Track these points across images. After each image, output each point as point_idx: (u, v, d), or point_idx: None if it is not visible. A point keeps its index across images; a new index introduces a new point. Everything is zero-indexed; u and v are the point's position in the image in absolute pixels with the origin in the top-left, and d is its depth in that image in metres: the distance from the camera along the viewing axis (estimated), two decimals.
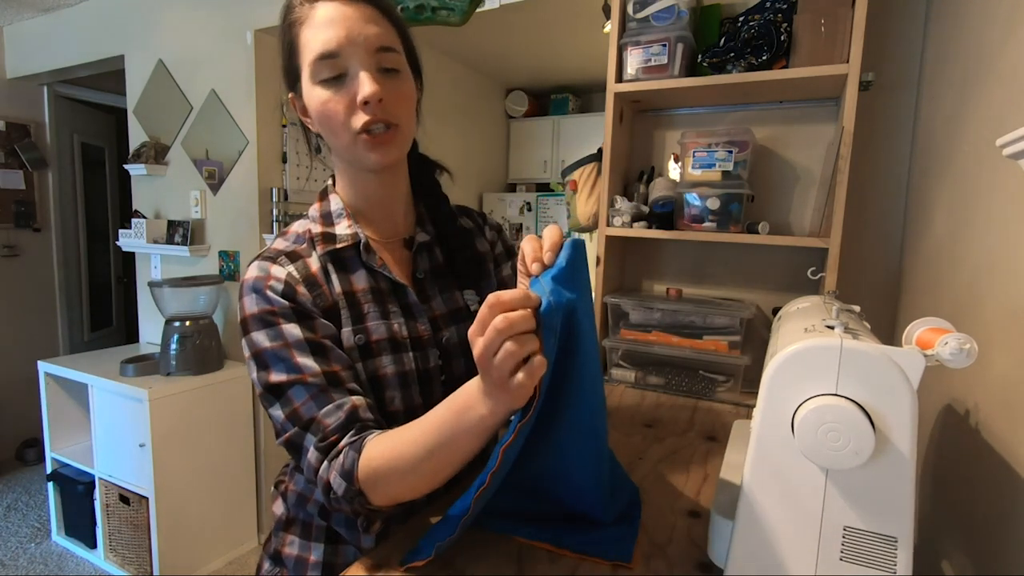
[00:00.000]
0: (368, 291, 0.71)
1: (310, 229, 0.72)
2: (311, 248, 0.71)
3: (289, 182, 2.40)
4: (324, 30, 0.63)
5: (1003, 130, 0.60)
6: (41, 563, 2.34)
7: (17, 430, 3.17)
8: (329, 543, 0.73)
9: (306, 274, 0.68)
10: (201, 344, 2.23)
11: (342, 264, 0.71)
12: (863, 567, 0.49)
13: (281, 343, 0.63)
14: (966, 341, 0.48)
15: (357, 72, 0.64)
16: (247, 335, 0.65)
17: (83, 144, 3.47)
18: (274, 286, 0.65)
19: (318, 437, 0.61)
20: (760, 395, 0.51)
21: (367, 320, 0.69)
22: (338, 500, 0.60)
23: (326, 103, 0.65)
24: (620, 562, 0.61)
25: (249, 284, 0.66)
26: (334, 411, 0.61)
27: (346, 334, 0.68)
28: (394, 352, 0.70)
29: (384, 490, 0.58)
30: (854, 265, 1.36)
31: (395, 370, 0.70)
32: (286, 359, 0.63)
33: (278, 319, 0.64)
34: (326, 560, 0.73)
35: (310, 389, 0.62)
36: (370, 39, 0.64)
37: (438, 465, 0.57)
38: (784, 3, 1.25)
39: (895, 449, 0.47)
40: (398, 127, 0.67)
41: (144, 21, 2.56)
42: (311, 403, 0.62)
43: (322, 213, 0.74)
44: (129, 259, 3.04)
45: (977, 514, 0.71)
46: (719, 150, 1.33)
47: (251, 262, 0.69)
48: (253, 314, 0.65)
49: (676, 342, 1.39)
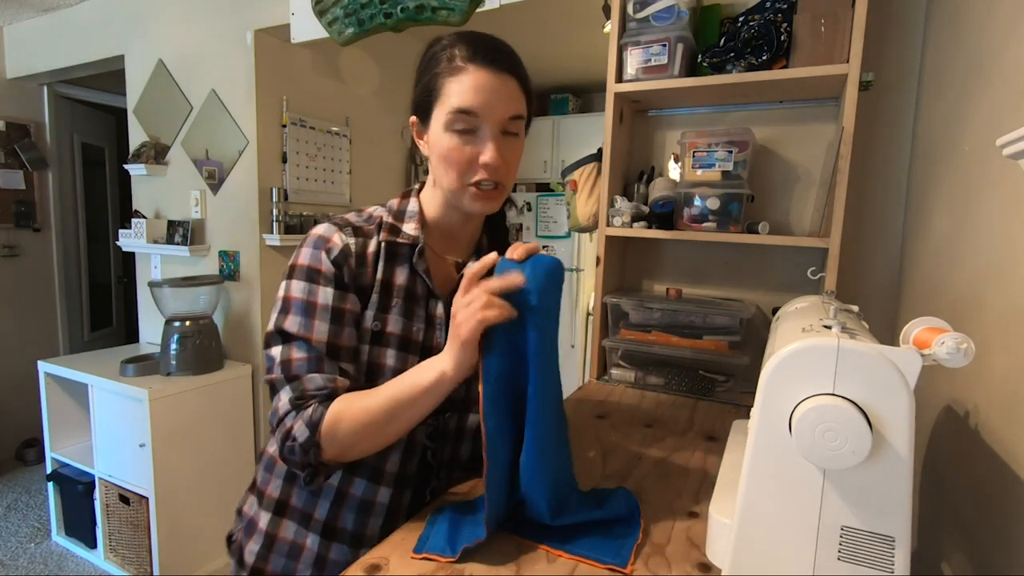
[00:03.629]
0: (403, 288, 0.77)
1: (382, 216, 0.79)
2: (376, 232, 0.77)
3: (289, 182, 2.40)
4: (470, 92, 0.70)
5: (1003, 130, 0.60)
6: (41, 563, 2.34)
7: (17, 430, 3.17)
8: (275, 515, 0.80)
9: (361, 251, 0.75)
10: (201, 344, 2.23)
11: (394, 256, 0.77)
12: (861, 567, 0.48)
13: (311, 300, 0.71)
14: (963, 340, 0.48)
15: (486, 136, 0.72)
16: (288, 279, 0.73)
17: (83, 144, 3.47)
18: (331, 249, 0.73)
19: (296, 393, 0.68)
20: (758, 395, 0.51)
21: (390, 312, 0.76)
22: (292, 450, 0.66)
23: (451, 150, 0.72)
24: (616, 567, 0.61)
25: (312, 239, 0.74)
26: (319, 380, 0.69)
27: (367, 316, 0.75)
28: (401, 349, 0.76)
29: (340, 441, 0.66)
30: (854, 265, 1.36)
31: (395, 366, 0.75)
32: (306, 315, 0.70)
33: (319, 280, 0.72)
34: (268, 531, 0.79)
35: (311, 350, 0.70)
36: (505, 111, 0.72)
37: (393, 419, 0.66)
38: (784, 3, 1.25)
39: (892, 449, 0.47)
40: (503, 186, 0.76)
41: (144, 21, 2.56)
42: (304, 363, 0.69)
43: (398, 208, 0.81)
44: (129, 259, 3.04)
45: (976, 514, 0.71)
46: (719, 150, 1.33)
47: (321, 221, 0.77)
48: (302, 265, 0.73)
49: (676, 342, 1.39)
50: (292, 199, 2.41)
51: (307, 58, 2.45)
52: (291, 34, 2.07)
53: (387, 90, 2.92)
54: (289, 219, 2.36)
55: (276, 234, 2.30)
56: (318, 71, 2.53)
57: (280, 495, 0.79)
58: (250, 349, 2.40)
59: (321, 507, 0.76)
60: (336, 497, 0.76)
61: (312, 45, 2.18)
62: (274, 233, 2.31)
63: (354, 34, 1.82)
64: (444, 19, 1.67)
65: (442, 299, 0.79)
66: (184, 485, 2.14)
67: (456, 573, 0.60)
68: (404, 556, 0.63)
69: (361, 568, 0.61)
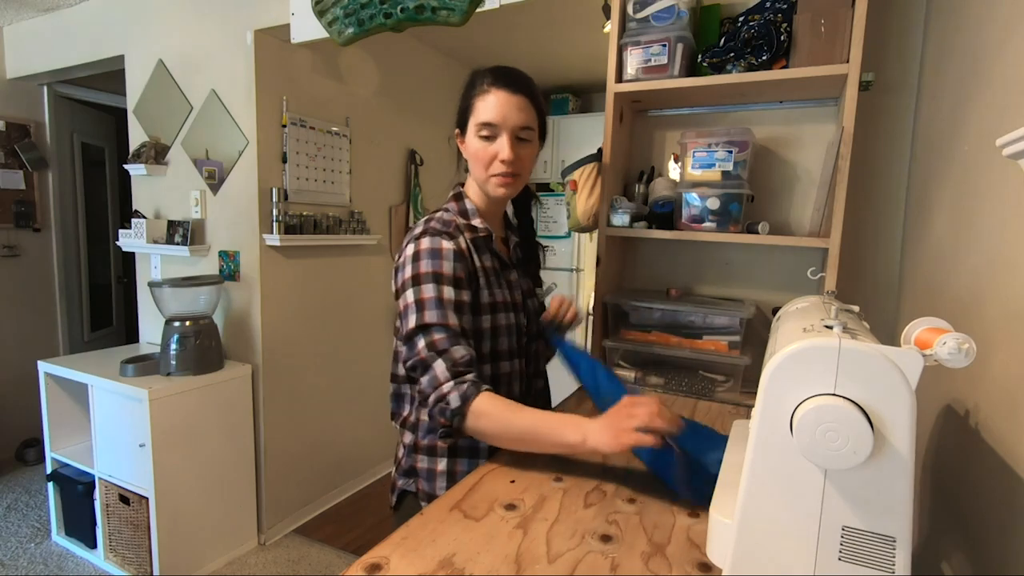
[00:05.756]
0: (492, 268, 1.01)
1: (455, 220, 0.99)
2: (459, 232, 0.98)
3: (289, 182, 2.39)
4: (491, 108, 0.95)
5: (1003, 130, 0.60)
6: (41, 563, 2.34)
7: (17, 430, 3.16)
8: (450, 457, 0.98)
9: (459, 248, 0.95)
10: (201, 344, 2.23)
11: (478, 247, 1.00)
12: (862, 567, 0.48)
13: (441, 296, 0.89)
14: (964, 341, 0.48)
15: (503, 140, 0.96)
16: (417, 286, 0.90)
17: (83, 144, 3.47)
18: (447, 254, 0.92)
19: (449, 363, 0.86)
20: (759, 395, 0.51)
21: (493, 288, 0.99)
22: (442, 411, 0.85)
23: (479, 151, 0.97)
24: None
25: (427, 251, 0.92)
26: (463, 350, 0.87)
27: (484, 295, 0.97)
28: (505, 311, 1.00)
29: (479, 425, 0.84)
30: (854, 265, 1.36)
31: (505, 323, 1.00)
32: (440, 308, 0.88)
33: (443, 281, 0.90)
34: (449, 469, 0.98)
35: (448, 332, 0.88)
36: (517, 122, 0.96)
37: (520, 440, 0.84)
38: (784, 3, 1.25)
39: (893, 449, 0.47)
40: (520, 175, 1.00)
41: (144, 21, 2.56)
42: (447, 340, 0.87)
43: (460, 211, 1.03)
44: (129, 259, 3.03)
45: (977, 514, 0.71)
46: (719, 150, 1.33)
47: (419, 236, 0.94)
48: (427, 272, 0.90)
49: (676, 342, 1.39)
50: (292, 199, 2.41)
51: (307, 58, 2.45)
52: (291, 34, 2.07)
53: (387, 90, 2.91)
54: (289, 219, 2.36)
55: (276, 234, 2.30)
56: (318, 71, 2.53)
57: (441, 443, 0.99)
58: (250, 349, 2.40)
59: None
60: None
61: (312, 45, 2.18)
62: (274, 233, 2.31)
63: (354, 34, 1.82)
64: (444, 19, 1.67)
65: (511, 265, 1.06)
66: (184, 485, 2.14)
67: (456, 573, 0.60)
68: (404, 556, 0.63)
69: (361, 568, 0.61)
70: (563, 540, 0.67)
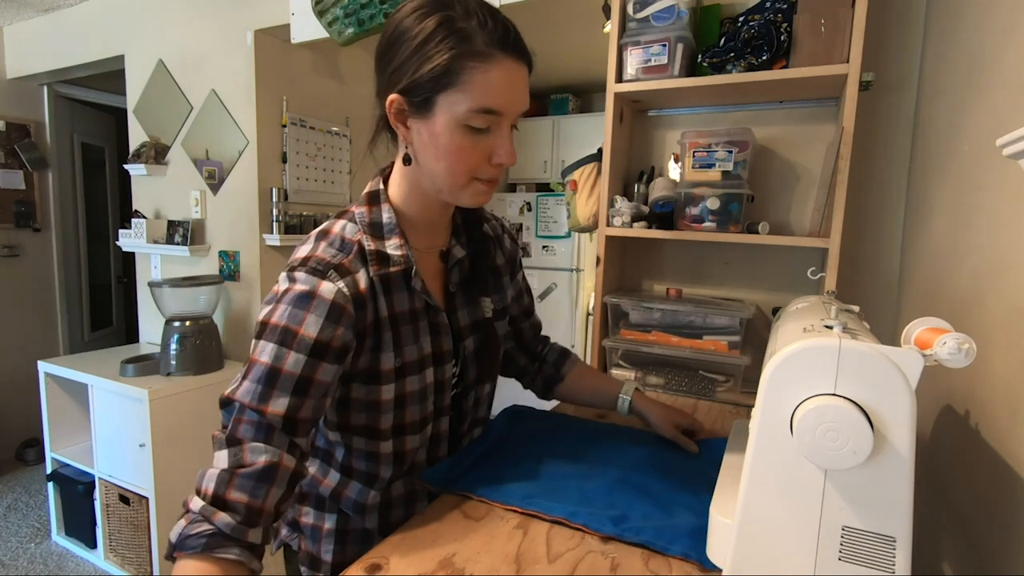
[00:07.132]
0: (407, 313, 0.73)
1: (360, 242, 0.70)
2: (359, 262, 0.69)
3: (289, 182, 2.40)
4: (500, 90, 0.63)
5: (1003, 130, 0.60)
6: (41, 563, 2.34)
7: (17, 430, 3.16)
8: (341, 514, 0.79)
9: (355, 292, 0.66)
10: (201, 344, 2.23)
11: (389, 285, 0.71)
12: (862, 567, 0.48)
13: (278, 369, 0.62)
14: (965, 341, 0.48)
15: (502, 134, 0.66)
16: (259, 339, 0.64)
17: (83, 144, 3.47)
18: (318, 307, 0.63)
19: (235, 460, 0.60)
20: (759, 395, 0.51)
21: (404, 344, 0.72)
22: (184, 518, 0.61)
23: (463, 148, 0.65)
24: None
25: (294, 296, 0.64)
26: (262, 452, 0.60)
27: (387, 358, 0.71)
28: (420, 371, 0.74)
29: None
30: (854, 265, 1.36)
31: (418, 387, 0.74)
32: (266, 387, 0.61)
33: (293, 346, 0.62)
34: (339, 527, 0.79)
35: (256, 425, 0.61)
36: (523, 106, 0.67)
37: None
38: (784, 3, 1.25)
39: (894, 449, 0.47)
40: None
41: (144, 21, 2.56)
42: (252, 429, 0.60)
43: (371, 222, 0.72)
44: (129, 259, 3.03)
45: (977, 514, 0.71)
46: (719, 150, 1.33)
47: (296, 267, 0.66)
48: (276, 325, 0.63)
49: (676, 342, 1.39)
50: (292, 199, 2.41)
51: (307, 58, 2.45)
52: (291, 34, 2.07)
53: None
54: (289, 219, 2.36)
55: (276, 234, 2.30)
56: (318, 71, 2.53)
57: (335, 488, 0.79)
58: (250, 349, 2.40)
59: (373, 496, 0.78)
60: (385, 488, 0.79)
61: (312, 45, 2.18)
62: (274, 233, 2.31)
63: (354, 34, 1.82)
64: None
65: (442, 307, 0.76)
66: (184, 485, 2.14)
67: (456, 573, 0.60)
68: (404, 556, 0.63)
69: (361, 568, 0.61)
70: (563, 540, 0.67)
